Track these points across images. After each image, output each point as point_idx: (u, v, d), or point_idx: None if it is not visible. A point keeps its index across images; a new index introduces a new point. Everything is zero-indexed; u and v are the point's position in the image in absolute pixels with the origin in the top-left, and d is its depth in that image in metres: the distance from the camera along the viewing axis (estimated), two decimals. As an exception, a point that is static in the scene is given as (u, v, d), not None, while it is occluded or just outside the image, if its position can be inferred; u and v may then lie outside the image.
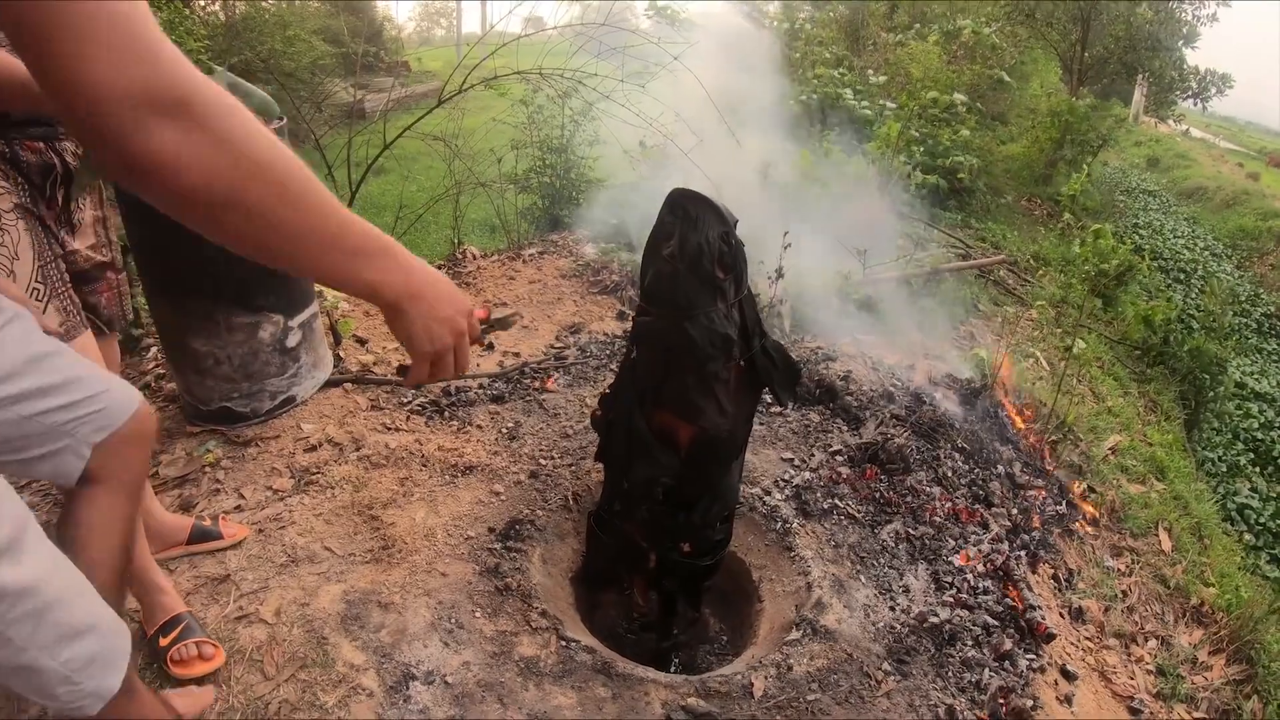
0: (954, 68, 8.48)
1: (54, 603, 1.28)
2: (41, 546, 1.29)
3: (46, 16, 0.73)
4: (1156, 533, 3.68)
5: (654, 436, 2.27)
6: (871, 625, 2.63)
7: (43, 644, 1.27)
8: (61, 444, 1.49)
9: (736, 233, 2.13)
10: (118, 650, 1.43)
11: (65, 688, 1.35)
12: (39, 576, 1.24)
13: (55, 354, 1.47)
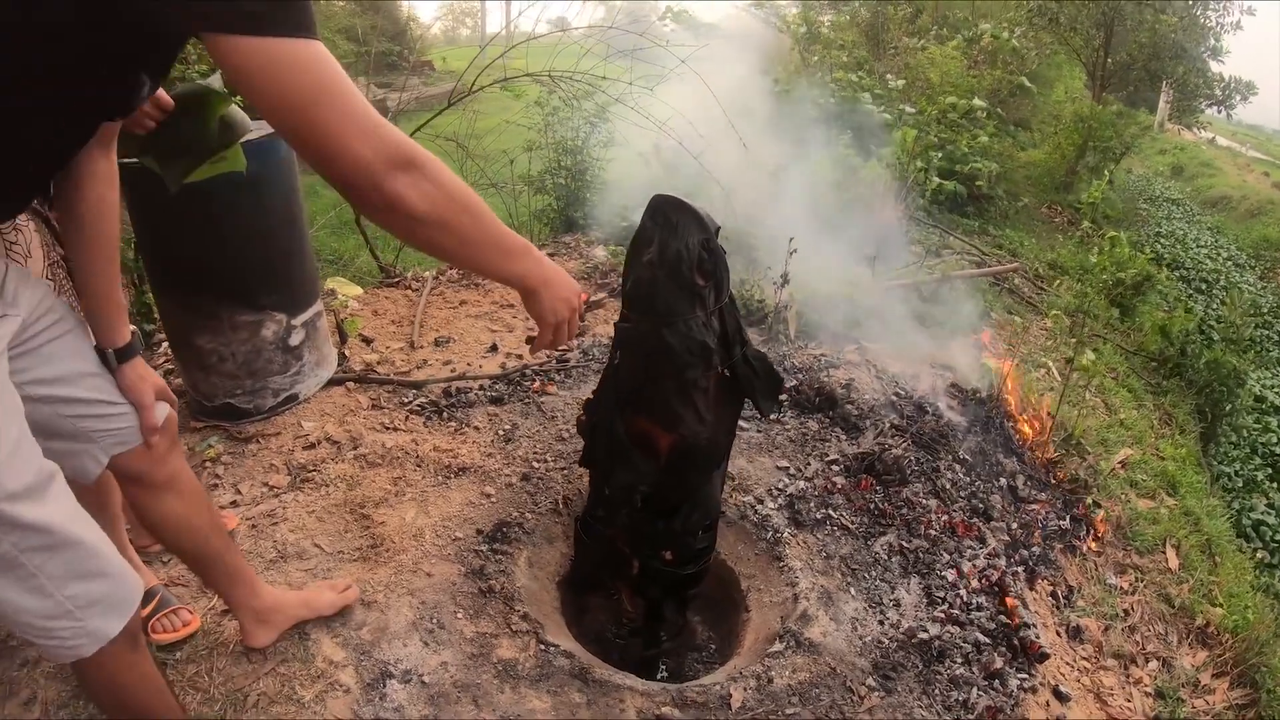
0: (974, 73, 8.38)
1: (68, 544, 1.41)
2: (64, 498, 1.44)
3: (318, 119, 1.11)
4: (1164, 550, 3.61)
5: (634, 443, 2.26)
6: (859, 639, 2.60)
7: (51, 575, 1.39)
8: (84, 447, 1.71)
9: (718, 240, 2.11)
10: (124, 600, 1.52)
11: (66, 623, 1.44)
12: (57, 519, 1.39)
13: (98, 375, 1.71)
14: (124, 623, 1.53)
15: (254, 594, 2.23)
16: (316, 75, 1.10)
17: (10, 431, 1.35)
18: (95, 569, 1.46)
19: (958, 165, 7.11)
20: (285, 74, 1.09)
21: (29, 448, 1.39)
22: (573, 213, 6.11)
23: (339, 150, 1.13)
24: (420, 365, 3.98)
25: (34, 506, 1.35)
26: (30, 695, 2.15)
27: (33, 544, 1.36)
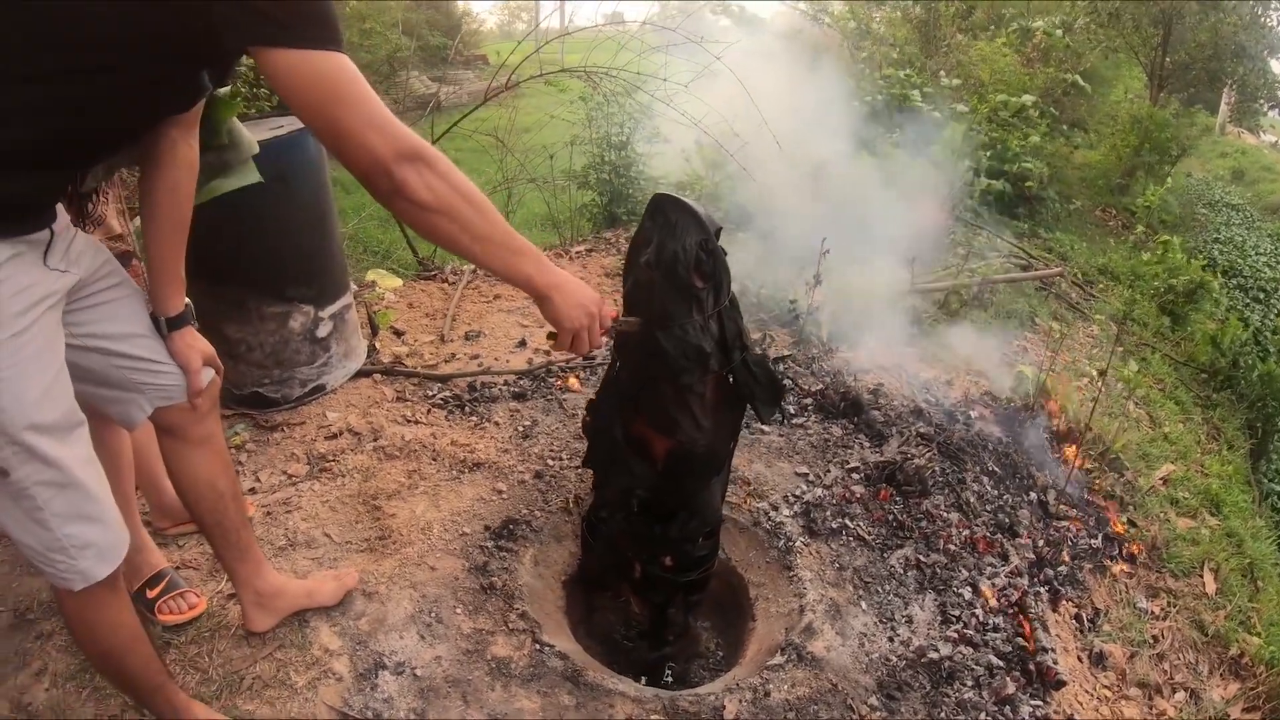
0: (1027, 70, 8.14)
1: (76, 485, 1.54)
2: (81, 445, 1.56)
3: (339, 116, 1.33)
4: (1201, 573, 3.45)
5: (633, 447, 2.23)
6: (865, 655, 2.53)
7: (55, 511, 1.53)
8: (132, 396, 1.86)
9: (718, 241, 2.06)
10: (114, 549, 1.64)
11: (62, 557, 1.57)
12: (71, 461, 1.52)
13: (149, 336, 1.86)
14: (110, 569, 1.64)
15: (258, 574, 2.27)
16: (338, 81, 1.32)
17: (48, 372, 1.50)
18: (94, 514, 1.59)
19: (1007, 165, 6.92)
20: (315, 81, 1.32)
21: (61, 390, 1.53)
22: (615, 208, 6.09)
23: (356, 143, 1.35)
24: (448, 359, 4.00)
25: (55, 444, 1.49)
26: (41, 666, 2.21)
27: (44, 478, 1.49)
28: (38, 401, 1.45)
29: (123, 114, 1.53)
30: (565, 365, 3.93)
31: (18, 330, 1.43)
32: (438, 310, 4.56)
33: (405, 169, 1.38)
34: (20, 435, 1.44)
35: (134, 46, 1.38)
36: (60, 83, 1.36)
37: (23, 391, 1.43)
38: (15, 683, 2.17)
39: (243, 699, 2.16)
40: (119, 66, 1.39)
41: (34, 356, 1.46)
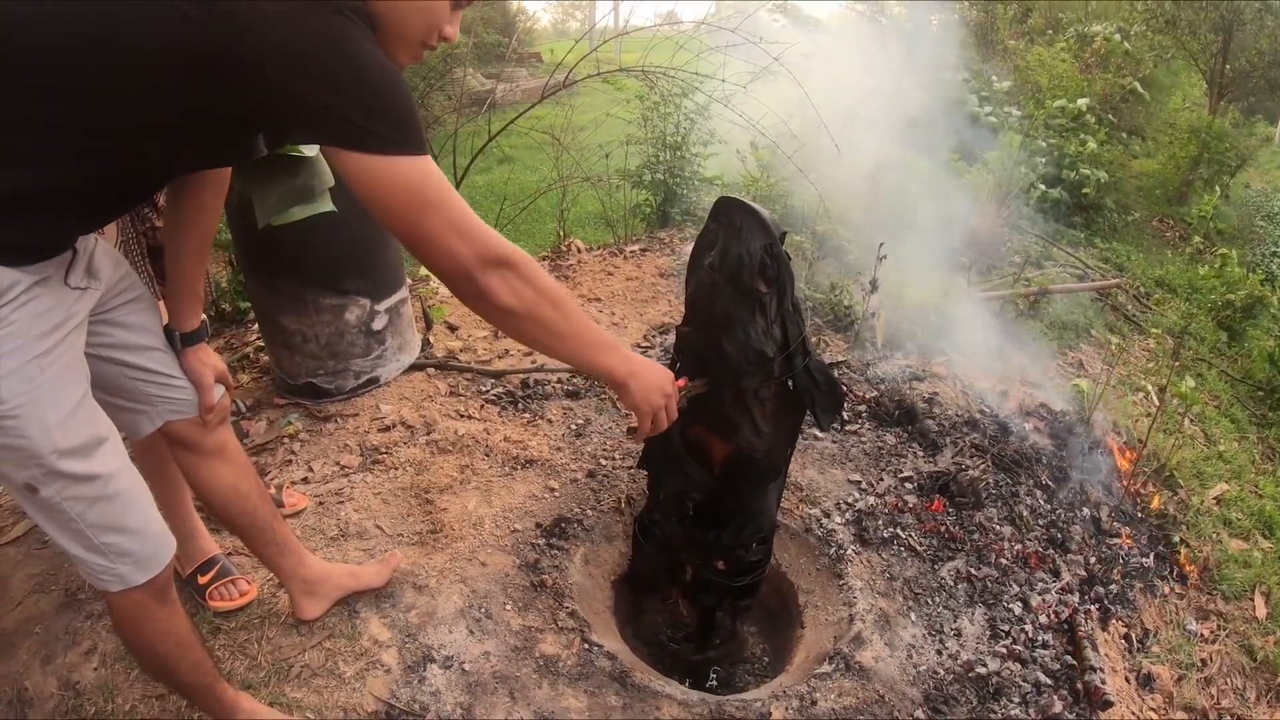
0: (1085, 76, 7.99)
1: (109, 498, 1.52)
2: (112, 457, 1.53)
3: (424, 224, 1.33)
4: (1252, 597, 3.37)
5: (690, 450, 2.23)
6: (913, 667, 2.51)
7: (90, 523, 1.51)
8: (142, 408, 1.85)
9: (782, 245, 2.05)
10: (152, 559, 1.62)
11: (100, 560, 1.57)
12: (104, 475, 1.50)
13: (163, 351, 1.84)
14: (148, 576, 1.62)
15: (301, 564, 2.31)
16: (423, 188, 1.31)
17: (73, 395, 1.46)
18: (131, 524, 1.57)
19: (1064, 172, 6.80)
20: (398, 188, 1.29)
21: (88, 412, 1.50)
22: (669, 208, 6.08)
23: (441, 250, 1.35)
24: (502, 355, 4.02)
25: (83, 462, 1.46)
26: (91, 646, 2.26)
27: (74, 493, 1.48)
28: (62, 424, 1.42)
29: (167, 170, 1.53)
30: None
31: (40, 352, 1.39)
32: (489, 306, 4.58)
33: (490, 275, 1.38)
34: (46, 459, 1.42)
35: (191, 124, 1.36)
36: (105, 137, 1.32)
37: (45, 415, 1.40)
38: (64, 661, 2.22)
39: (290, 687, 2.20)
40: (171, 132, 1.37)
41: (56, 379, 1.42)
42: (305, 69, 1.23)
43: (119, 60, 1.24)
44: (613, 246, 5.66)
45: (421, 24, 1.40)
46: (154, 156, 1.43)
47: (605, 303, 4.73)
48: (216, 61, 1.24)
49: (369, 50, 1.26)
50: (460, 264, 1.36)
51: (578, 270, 5.19)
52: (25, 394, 1.36)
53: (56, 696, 2.14)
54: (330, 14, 1.24)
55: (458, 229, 1.34)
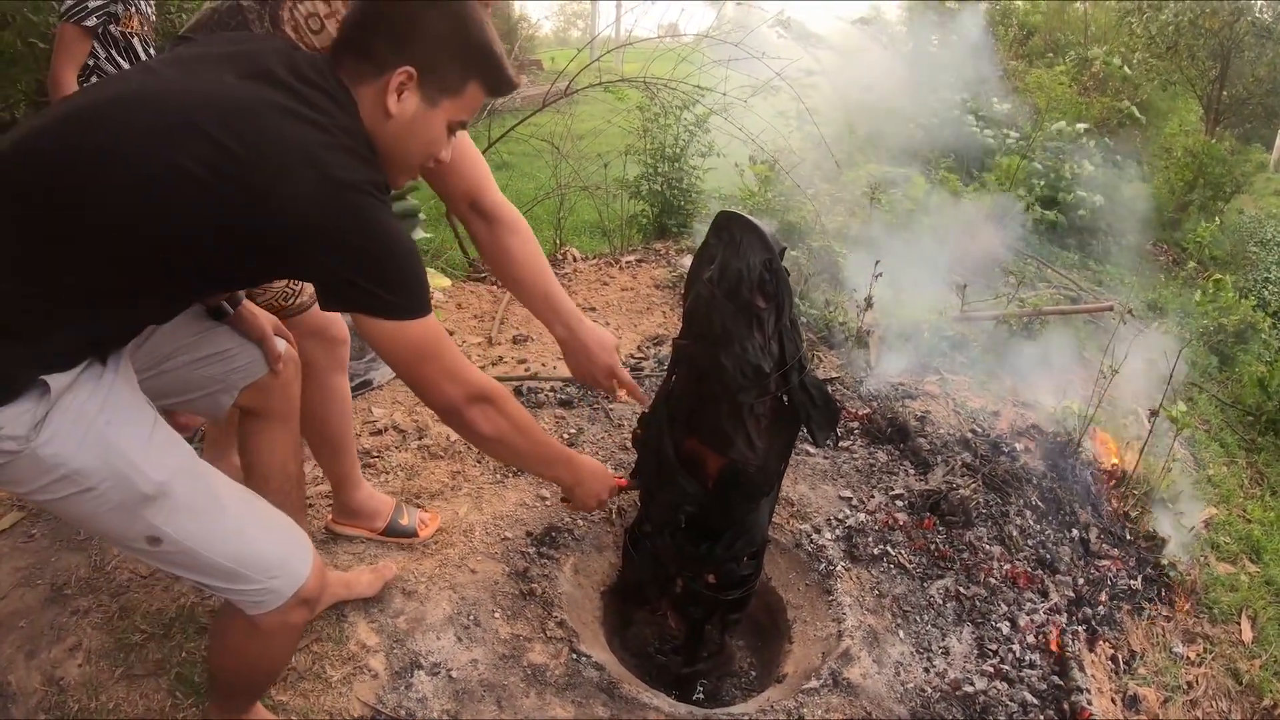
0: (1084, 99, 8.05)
1: (223, 510, 1.56)
2: (209, 470, 1.59)
3: (423, 371, 1.55)
4: (1239, 620, 3.39)
5: (684, 463, 2.23)
6: (900, 685, 2.51)
7: (219, 549, 1.54)
8: (215, 389, 1.89)
9: (782, 261, 2.06)
10: (295, 560, 1.62)
11: (245, 584, 1.57)
12: (205, 489, 1.55)
13: (206, 330, 1.86)
14: (299, 584, 1.61)
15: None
16: (424, 344, 1.52)
17: (144, 424, 1.50)
18: (255, 534, 1.59)
19: (1060, 195, 6.84)
20: (405, 345, 1.50)
21: (164, 434, 1.54)
22: (666, 220, 6.09)
23: (436, 392, 1.57)
24: (495, 362, 4.02)
25: (178, 482, 1.50)
26: (76, 642, 2.23)
27: (189, 525, 1.51)
28: (146, 455, 1.46)
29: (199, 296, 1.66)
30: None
31: (96, 411, 1.42)
32: (486, 313, 4.59)
33: (474, 410, 1.61)
34: (150, 496, 1.46)
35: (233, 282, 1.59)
36: (152, 295, 1.46)
37: (129, 459, 1.43)
38: (49, 656, 2.19)
39: (276, 690, 2.17)
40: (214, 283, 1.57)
41: (123, 422, 1.46)
42: (335, 248, 1.38)
43: (171, 237, 1.36)
44: (609, 256, 5.67)
45: (421, 153, 1.58)
46: (194, 293, 1.59)
47: (600, 312, 4.73)
48: (256, 238, 1.38)
49: (391, 227, 1.41)
50: (450, 402, 1.59)
51: (573, 279, 5.19)
52: (100, 458, 1.41)
53: (40, 692, 2.12)
54: (356, 194, 1.37)
55: (450, 375, 1.57)
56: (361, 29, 1.49)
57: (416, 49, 1.47)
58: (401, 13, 1.47)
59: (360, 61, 1.47)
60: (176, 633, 2.29)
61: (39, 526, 2.65)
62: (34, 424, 1.35)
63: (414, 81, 1.47)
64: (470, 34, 1.51)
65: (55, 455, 1.37)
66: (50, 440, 1.36)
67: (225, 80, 1.39)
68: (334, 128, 1.40)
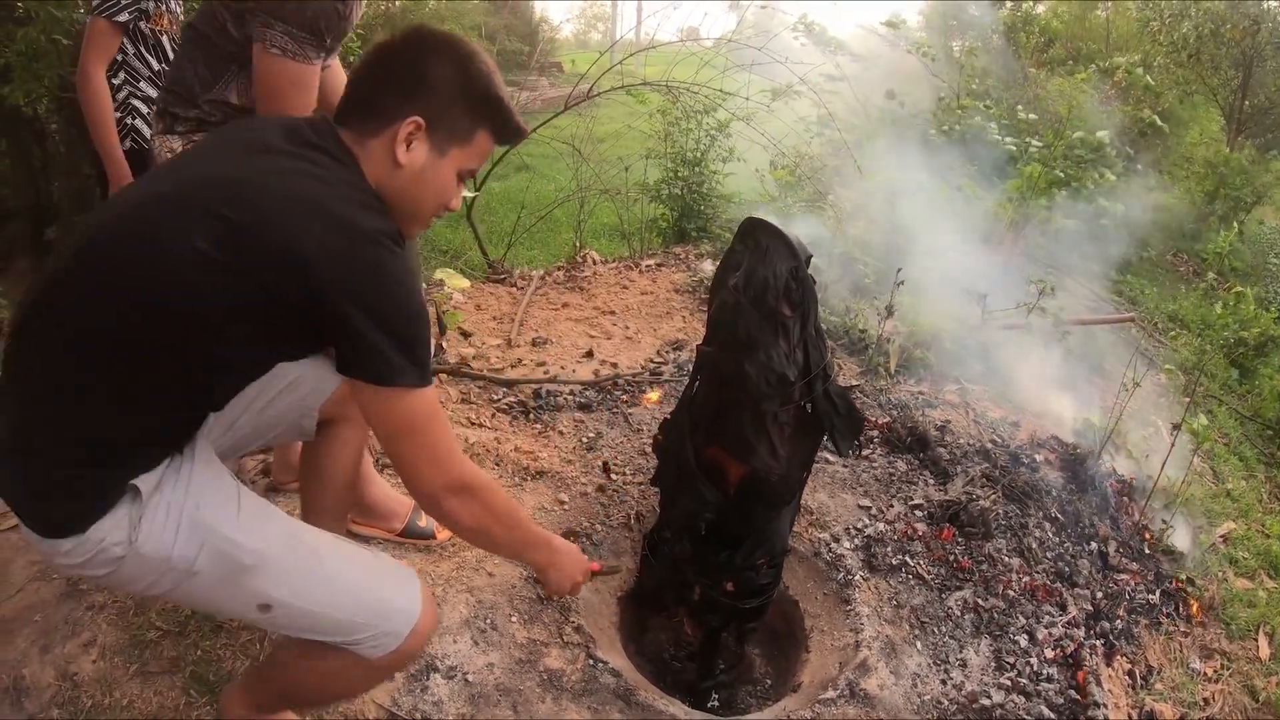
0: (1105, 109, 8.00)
1: (321, 563, 1.57)
2: (298, 526, 1.64)
3: (403, 449, 1.47)
4: (1256, 637, 3.36)
5: (705, 471, 2.23)
6: (917, 696, 2.50)
7: (329, 603, 1.56)
8: (294, 417, 1.90)
9: (808, 269, 2.05)
10: (403, 600, 1.63)
11: (364, 633, 1.59)
12: (299, 544, 1.58)
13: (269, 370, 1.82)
14: (413, 623, 1.62)
15: None
16: (413, 418, 1.44)
17: (229, 496, 1.54)
18: (358, 579, 1.60)
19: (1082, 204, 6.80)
20: (394, 414, 1.43)
21: (250, 501, 1.57)
22: (686, 224, 6.09)
23: (414, 472, 1.49)
24: (515, 364, 4.03)
25: (276, 545, 1.54)
26: (91, 638, 2.23)
27: (293, 586, 1.54)
28: (240, 525, 1.50)
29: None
30: (634, 379, 3.93)
31: (183, 496, 1.47)
32: (505, 314, 4.60)
33: (451, 500, 1.52)
34: (251, 565, 1.49)
35: (272, 358, 1.55)
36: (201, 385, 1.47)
37: (223, 533, 1.48)
38: (63, 651, 2.19)
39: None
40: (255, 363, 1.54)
41: (210, 499, 1.50)
42: (354, 299, 1.35)
43: (218, 326, 1.39)
44: (628, 260, 5.67)
45: (433, 202, 1.57)
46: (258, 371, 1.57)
47: (619, 316, 4.73)
48: (288, 304, 1.37)
49: (408, 285, 1.41)
50: (427, 488, 1.50)
51: (592, 282, 5.19)
52: (197, 542, 1.45)
53: (54, 687, 2.12)
54: (371, 244, 1.37)
55: (433, 458, 1.48)
56: (369, 82, 1.50)
57: (425, 99, 1.47)
58: (409, 63, 1.48)
59: (368, 115, 1.48)
60: (192, 630, 2.29)
61: (58, 520, 2.66)
62: (132, 527, 1.40)
63: (423, 131, 1.48)
64: (478, 83, 1.52)
65: (156, 550, 1.42)
66: (148, 538, 1.41)
67: (226, 161, 1.42)
68: (337, 181, 1.42)
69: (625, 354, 4.25)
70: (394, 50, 1.51)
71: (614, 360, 4.16)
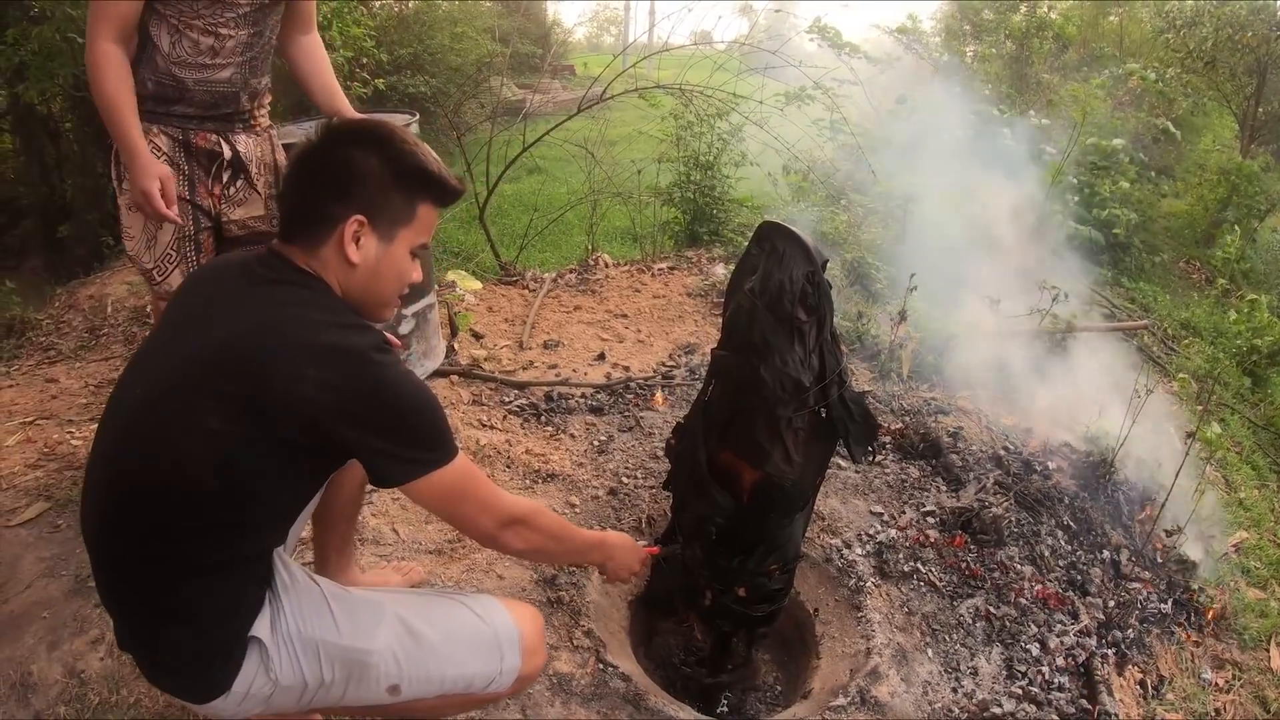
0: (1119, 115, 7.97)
1: (421, 638, 1.66)
2: (398, 605, 1.69)
3: (459, 510, 1.60)
4: (1268, 647, 3.33)
5: (719, 476, 2.22)
6: (927, 704, 2.49)
7: (448, 669, 1.67)
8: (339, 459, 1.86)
9: (824, 274, 2.04)
10: (505, 635, 1.72)
11: (484, 678, 1.70)
12: (407, 629, 1.65)
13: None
14: (520, 656, 1.72)
15: (344, 569, 2.30)
16: (459, 487, 1.56)
17: (320, 608, 1.63)
18: (463, 629, 1.70)
19: (1094, 211, 6.78)
20: (439, 494, 1.54)
21: (347, 607, 1.66)
22: (698, 228, 6.09)
23: (472, 524, 1.63)
24: (526, 366, 4.03)
25: (388, 638, 1.63)
26: (99, 635, 2.24)
27: (411, 670, 1.65)
28: (353, 630, 1.61)
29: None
30: (646, 382, 3.92)
31: (288, 623, 1.59)
32: (517, 316, 4.60)
33: (506, 534, 1.65)
34: (373, 662, 1.60)
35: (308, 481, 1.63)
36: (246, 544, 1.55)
37: (333, 642, 1.59)
38: (70, 648, 2.20)
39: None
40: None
41: (312, 615, 1.61)
42: (367, 426, 1.44)
43: (252, 489, 1.48)
44: (640, 263, 5.67)
45: (395, 287, 1.60)
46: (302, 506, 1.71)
47: (631, 319, 4.73)
48: (306, 446, 1.45)
49: (409, 384, 1.48)
50: (486, 531, 1.64)
51: (604, 285, 5.19)
52: (318, 657, 1.59)
53: (61, 683, 2.13)
54: (365, 364, 1.43)
55: (484, 508, 1.61)
56: (302, 193, 1.54)
57: (359, 193, 1.50)
58: (333, 165, 1.51)
59: (311, 226, 1.52)
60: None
61: (64, 517, 2.66)
62: (267, 669, 1.55)
63: (367, 226, 1.51)
64: (405, 162, 1.53)
65: (293, 679, 1.57)
66: (283, 673, 1.56)
67: (208, 328, 1.47)
68: (308, 310, 1.47)
69: (637, 357, 4.25)
70: (316, 155, 1.52)
71: (626, 363, 4.16)
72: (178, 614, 1.50)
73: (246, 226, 2.56)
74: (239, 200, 2.53)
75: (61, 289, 4.98)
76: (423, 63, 7.58)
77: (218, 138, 2.44)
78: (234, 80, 2.40)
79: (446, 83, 7.72)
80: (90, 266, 5.43)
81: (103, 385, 3.59)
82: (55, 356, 4.06)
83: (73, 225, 5.97)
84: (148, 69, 2.31)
